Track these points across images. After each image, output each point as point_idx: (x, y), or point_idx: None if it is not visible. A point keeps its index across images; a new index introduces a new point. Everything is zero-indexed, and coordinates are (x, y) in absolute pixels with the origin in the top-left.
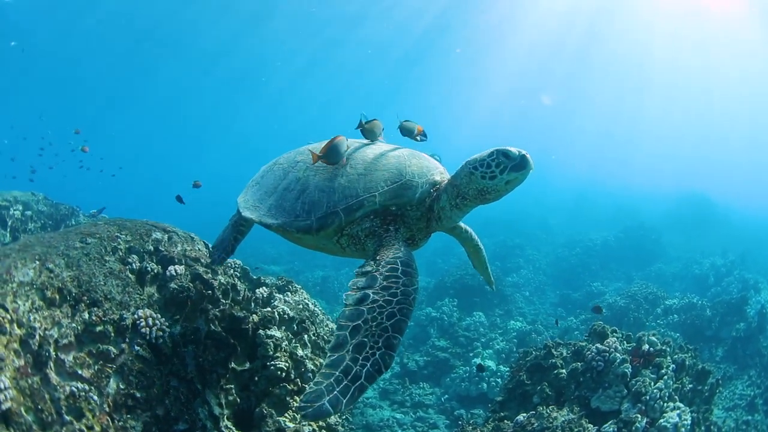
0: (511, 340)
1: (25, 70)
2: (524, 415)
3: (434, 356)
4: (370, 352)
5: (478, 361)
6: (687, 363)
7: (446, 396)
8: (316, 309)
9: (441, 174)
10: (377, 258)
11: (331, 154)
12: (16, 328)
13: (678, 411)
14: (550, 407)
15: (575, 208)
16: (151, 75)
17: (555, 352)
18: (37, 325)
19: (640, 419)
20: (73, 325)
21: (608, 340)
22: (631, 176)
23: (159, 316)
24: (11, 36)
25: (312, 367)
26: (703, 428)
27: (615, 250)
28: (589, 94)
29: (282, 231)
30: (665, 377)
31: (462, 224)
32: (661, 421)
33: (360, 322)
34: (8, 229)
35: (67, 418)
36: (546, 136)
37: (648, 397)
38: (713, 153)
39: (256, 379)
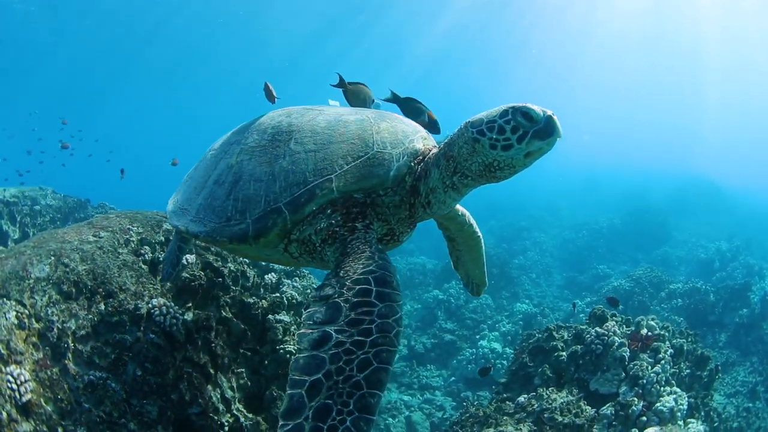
0: (517, 323)
1: (20, 69)
2: (525, 396)
3: (441, 338)
4: (338, 418)
5: (484, 343)
6: (685, 348)
7: (453, 378)
8: None
9: (424, 140)
10: (340, 273)
11: (268, 93)
12: (34, 322)
13: (674, 396)
14: (549, 389)
15: (583, 191)
16: (155, 69)
17: (556, 335)
18: (54, 318)
19: (636, 402)
20: (90, 316)
21: (607, 324)
22: (638, 158)
23: (172, 304)
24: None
25: None
26: (702, 414)
27: (621, 233)
28: (599, 75)
29: (212, 241)
30: (662, 362)
31: (459, 206)
32: (658, 405)
33: (320, 375)
34: (17, 225)
35: (86, 406)
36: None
37: (645, 381)
38: (721, 136)
39: (266, 362)
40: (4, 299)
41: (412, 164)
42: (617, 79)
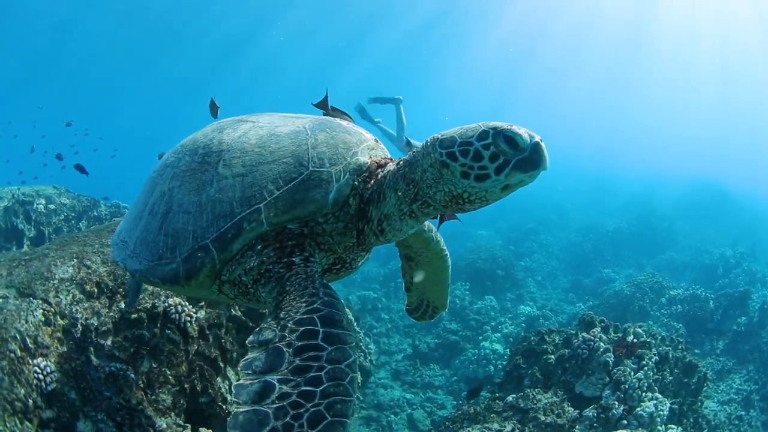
0: (519, 325)
1: (27, 67)
2: (513, 396)
3: (445, 339)
4: None
5: (486, 344)
6: (671, 356)
7: (455, 378)
8: None
9: (371, 151)
10: (281, 315)
11: (212, 108)
12: (59, 319)
13: (655, 401)
14: (536, 390)
15: (592, 193)
16: (161, 61)
17: (548, 339)
18: (78, 315)
19: (617, 406)
20: (111, 314)
21: (594, 330)
22: (647, 161)
23: (186, 303)
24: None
25: None
26: (691, 420)
27: (628, 237)
28: (611, 78)
29: (147, 282)
30: (645, 368)
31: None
32: (638, 409)
33: None
34: (33, 223)
35: (107, 394)
36: (564, 120)
37: (627, 386)
38: (729, 140)
39: None
40: (31, 298)
41: (356, 183)
42: (624, 82)
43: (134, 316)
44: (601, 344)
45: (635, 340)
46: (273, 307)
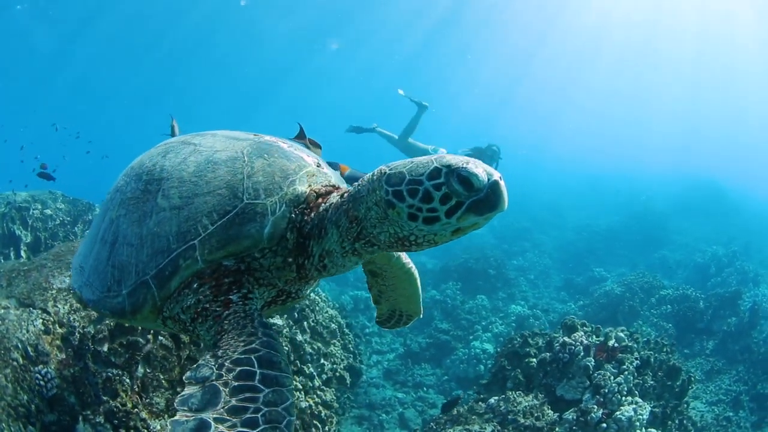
0: (510, 324)
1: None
2: (495, 398)
3: (436, 338)
4: None
5: (477, 344)
6: (652, 360)
7: (446, 377)
8: (316, 297)
9: (310, 178)
10: (219, 353)
11: (172, 130)
12: (58, 327)
13: (634, 405)
14: (517, 392)
15: (587, 192)
16: (158, 68)
17: (531, 342)
18: (76, 324)
19: (596, 410)
20: (107, 321)
21: (575, 334)
22: (643, 160)
23: None
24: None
25: (310, 350)
26: (676, 422)
27: (621, 235)
28: (613, 78)
29: (102, 314)
30: (626, 372)
31: None
32: (617, 413)
33: None
34: (29, 229)
35: (104, 398)
36: (562, 120)
37: (606, 390)
38: (729, 138)
39: None
40: (31, 308)
41: (293, 215)
42: (624, 81)
43: (129, 324)
44: (582, 348)
45: (616, 345)
46: (211, 345)
